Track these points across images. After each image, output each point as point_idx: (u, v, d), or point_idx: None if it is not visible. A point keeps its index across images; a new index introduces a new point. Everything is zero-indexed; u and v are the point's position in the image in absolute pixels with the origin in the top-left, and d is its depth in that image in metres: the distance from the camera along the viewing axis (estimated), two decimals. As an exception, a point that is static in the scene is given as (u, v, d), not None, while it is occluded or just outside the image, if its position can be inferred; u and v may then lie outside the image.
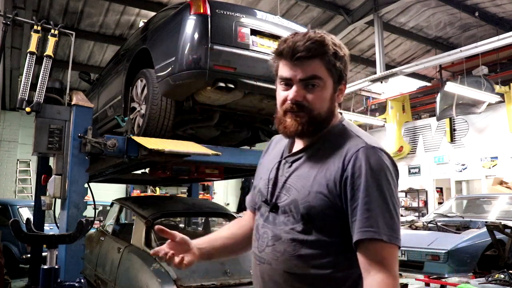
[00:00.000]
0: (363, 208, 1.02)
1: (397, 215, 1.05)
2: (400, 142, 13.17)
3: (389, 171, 1.06)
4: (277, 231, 1.13)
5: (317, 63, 1.10)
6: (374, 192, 1.02)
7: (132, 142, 3.08)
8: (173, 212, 4.37)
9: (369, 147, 1.07)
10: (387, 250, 1.02)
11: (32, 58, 3.21)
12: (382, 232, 1.00)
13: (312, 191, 1.08)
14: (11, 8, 6.76)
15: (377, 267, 1.00)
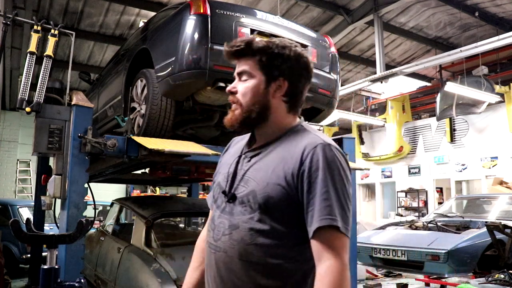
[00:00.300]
0: (321, 198, 1.09)
1: (349, 209, 1.12)
2: (400, 142, 13.17)
3: (343, 168, 1.14)
4: (235, 220, 1.18)
5: (249, 61, 1.23)
6: (330, 185, 1.10)
7: (132, 142, 3.08)
8: (173, 212, 4.37)
9: (326, 144, 1.15)
10: (340, 239, 1.08)
11: (32, 58, 3.21)
12: (338, 221, 1.08)
13: (271, 183, 1.15)
14: (11, 8, 6.76)
15: (328, 254, 1.06)
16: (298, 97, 1.27)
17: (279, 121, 1.25)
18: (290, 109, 1.26)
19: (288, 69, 1.23)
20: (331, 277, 1.04)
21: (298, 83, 1.25)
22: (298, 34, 3.57)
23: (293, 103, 1.26)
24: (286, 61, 1.22)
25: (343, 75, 12.78)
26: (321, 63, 3.67)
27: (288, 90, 1.24)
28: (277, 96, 1.24)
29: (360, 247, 5.61)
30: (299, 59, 1.24)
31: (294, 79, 1.24)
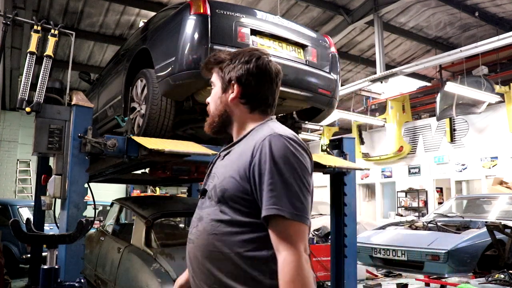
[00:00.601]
0: (267, 189, 1.12)
1: (304, 195, 1.14)
2: (400, 142, 13.17)
3: (293, 156, 1.15)
4: (202, 213, 1.29)
5: (214, 72, 1.40)
6: (277, 175, 1.12)
7: (132, 142, 3.08)
8: (173, 212, 4.37)
9: (275, 135, 1.18)
10: (292, 228, 1.11)
11: (32, 58, 3.21)
12: (285, 210, 1.10)
13: (227, 176, 1.23)
14: (11, 8, 6.76)
15: (283, 244, 1.10)
16: (257, 97, 1.33)
17: (242, 122, 1.35)
18: (252, 110, 1.34)
19: (239, 73, 1.31)
20: (288, 269, 1.07)
21: (252, 85, 1.31)
22: (298, 34, 3.57)
23: (253, 104, 1.33)
24: (237, 67, 1.32)
25: (343, 75, 12.78)
26: (321, 63, 3.67)
27: (242, 92, 1.32)
28: (234, 100, 1.33)
29: (360, 247, 5.61)
30: (252, 62, 1.31)
31: (247, 81, 1.31)
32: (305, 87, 3.47)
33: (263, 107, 1.35)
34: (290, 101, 3.54)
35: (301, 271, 1.07)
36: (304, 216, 1.13)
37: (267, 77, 1.33)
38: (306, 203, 1.14)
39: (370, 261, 5.77)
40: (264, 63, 1.33)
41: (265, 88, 1.34)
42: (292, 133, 1.22)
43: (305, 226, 1.13)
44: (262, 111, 1.35)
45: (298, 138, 1.21)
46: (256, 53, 1.34)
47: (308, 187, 1.17)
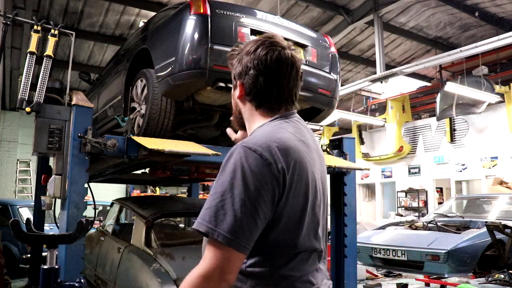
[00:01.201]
0: (206, 200, 1.04)
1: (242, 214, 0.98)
2: (400, 142, 13.17)
3: (243, 171, 1.01)
4: None
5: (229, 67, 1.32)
6: (217, 188, 1.02)
7: (132, 142, 3.08)
8: (173, 212, 4.37)
9: (239, 146, 1.06)
10: (210, 244, 1.00)
11: (32, 58, 3.21)
12: (206, 225, 0.99)
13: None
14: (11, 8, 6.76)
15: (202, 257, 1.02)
16: (260, 92, 1.21)
17: (250, 121, 1.27)
18: (258, 107, 1.23)
19: (239, 69, 1.24)
20: (188, 278, 1.00)
21: (254, 80, 1.20)
22: (298, 34, 3.57)
23: (257, 100, 1.22)
24: (241, 61, 1.23)
25: (343, 75, 12.77)
26: (321, 63, 3.67)
27: (246, 89, 1.23)
28: (241, 97, 1.27)
29: (360, 247, 5.61)
30: (251, 54, 1.20)
31: (248, 77, 1.21)
32: (305, 87, 3.47)
33: (270, 104, 1.22)
34: (290, 101, 3.53)
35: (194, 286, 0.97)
36: (233, 240, 0.97)
37: (265, 70, 1.19)
38: (241, 226, 0.98)
39: (370, 261, 5.77)
40: (261, 54, 1.19)
41: (266, 82, 1.19)
42: (266, 144, 1.05)
43: (231, 250, 0.97)
44: (268, 108, 1.22)
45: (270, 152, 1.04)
46: (258, 41, 1.22)
47: (255, 211, 0.99)
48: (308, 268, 1.12)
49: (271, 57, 1.18)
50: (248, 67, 1.21)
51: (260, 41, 1.21)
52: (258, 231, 1.02)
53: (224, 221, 0.98)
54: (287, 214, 1.06)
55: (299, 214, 1.09)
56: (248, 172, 1.01)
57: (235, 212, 0.98)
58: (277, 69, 1.19)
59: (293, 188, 1.06)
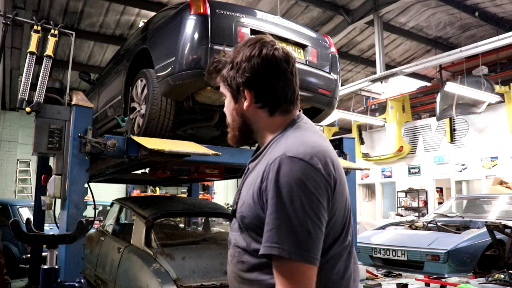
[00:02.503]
0: (267, 222, 0.99)
1: (307, 230, 0.96)
2: (400, 142, 13.17)
3: (300, 183, 0.97)
4: (231, 236, 1.17)
5: (219, 81, 1.20)
6: (278, 207, 0.97)
7: (132, 142, 3.08)
8: (173, 212, 4.37)
9: (284, 157, 1.01)
10: (288, 266, 0.96)
11: (32, 58, 3.21)
12: (282, 248, 0.95)
13: (245, 202, 1.09)
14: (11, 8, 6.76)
15: (277, 284, 0.97)
16: (273, 96, 1.14)
17: (264, 128, 1.18)
18: (272, 112, 1.16)
19: (245, 76, 1.13)
20: None
21: (264, 84, 1.13)
22: (298, 34, 3.57)
23: (271, 105, 1.15)
24: (241, 69, 1.13)
25: (343, 75, 12.77)
26: (321, 63, 3.67)
27: (256, 96, 1.14)
28: (250, 107, 1.16)
29: (360, 247, 5.61)
30: (254, 58, 1.12)
31: (257, 82, 1.13)
32: (305, 87, 3.47)
33: (284, 106, 1.15)
34: (290, 101, 3.53)
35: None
36: (307, 255, 0.95)
37: (276, 69, 1.12)
38: (312, 239, 0.96)
39: (370, 261, 5.77)
40: (269, 54, 1.11)
41: (280, 82, 1.13)
42: (308, 151, 1.02)
43: (309, 265, 0.96)
44: (283, 111, 1.16)
45: (312, 156, 1.01)
46: (256, 45, 1.13)
47: (319, 221, 0.98)
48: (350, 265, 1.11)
49: (279, 55, 1.12)
50: (256, 72, 1.12)
51: (258, 41, 1.14)
52: (322, 239, 1.00)
53: (294, 239, 0.95)
54: (336, 214, 1.06)
55: (343, 212, 1.09)
56: (303, 183, 0.97)
57: (303, 227, 0.96)
58: (287, 67, 1.14)
59: (338, 188, 1.05)
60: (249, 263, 1.08)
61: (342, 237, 1.09)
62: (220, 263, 3.53)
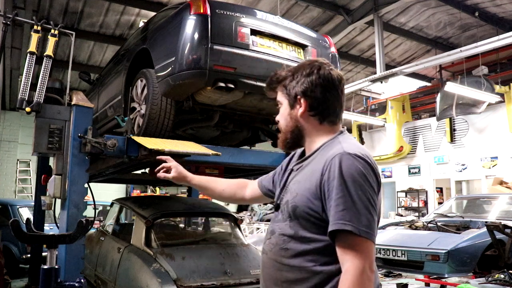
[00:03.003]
0: (334, 204, 1.16)
1: (370, 212, 1.17)
2: (400, 142, 13.17)
3: (361, 174, 1.18)
4: (274, 226, 1.34)
5: (278, 91, 1.42)
6: (345, 192, 1.16)
7: (132, 142, 3.08)
8: (173, 212, 4.36)
9: (344, 153, 1.21)
10: (357, 242, 1.14)
11: (32, 58, 3.21)
12: (352, 225, 1.14)
13: (299, 193, 1.27)
14: (11, 8, 6.76)
15: (347, 257, 1.14)
16: (325, 108, 1.34)
17: (314, 134, 1.36)
18: (322, 121, 1.35)
19: (303, 87, 1.33)
20: (348, 279, 1.12)
21: (318, 96, 1.33)
22: (298, 34, 3.57)
23: (322, 115, 1.35)
24: (300, 81, 1.34)
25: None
26: (321, 63, 3.67)
27: (310, 105, 1.34)
28: (303, 114, 1.35)
29: (360, 247, 5.58)
30: (314, 74, 1.33)
31: (313, 93, 1.33)
32: (305, 87, 3.46)
33: (332, 117, 1.35)
34: (290, 101, 3.54)
35: (359, 284, 1.11)
36: (370, 233, 1.15)
37: (331, 86, 1.34)
38: (371, 220, 1.17)
39: (370, 261, 5.76)
40: (326, 72, 1.33)
41: (331, 97, 1.34)
42: (361, 151, 1.23)
43: (370, 242, 1.16)
44: (331, 122, 1.36)
45: (367, 156, 1.23)
46: (316, 64, 1.35)
47: (374, 206, 1.19)
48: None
49: (334, 75, 1.34)
50: (313, 84, 1.33)
51: (317, 63, 1.36)
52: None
53: (360, 219, 1.14)
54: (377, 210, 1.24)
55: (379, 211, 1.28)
56: (365, 176, 1.19)
57: (367, 210, 1.16)
58: (339, 86, 1.35)
59: (380, 189, 1.27)
60: (293, 250, 1.25)
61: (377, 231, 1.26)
62: (220, 263, 3.53)
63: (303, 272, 1.22)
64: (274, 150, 4.10)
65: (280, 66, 3.38)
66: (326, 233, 1.20)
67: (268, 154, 3.88)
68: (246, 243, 4.12)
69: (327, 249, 1.21)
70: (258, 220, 11.68)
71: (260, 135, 4.41)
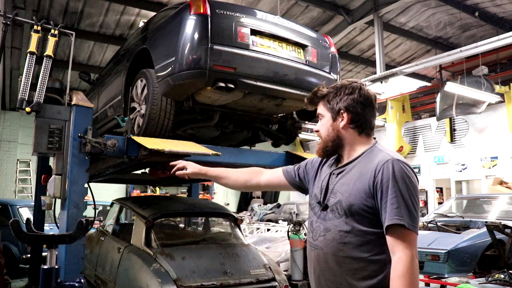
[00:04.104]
0: (390, 203, 1.38)
1: (416, 210, 1.39)
2: (400, 142, 13.16)
3: (408, 177, 1.42)
4: (328, 224, 1.52)
5: (320, 105, 1.65)
6: (398, 192, 1.38)
7: (132, 142, 3.07)
8: (173, 212, 4.37)
9: (395, 160, 1.44)
10: (408, 235, 1.36)
11: (32, 58, 3.21)
12: (405, 220, 1.36)
13: (352, 193, 1.47)
14: (11, 8, 6.76)
15: (399, 247, 1.35)
16: (363, 121, 1.57)
17: (353, 143, 1.57)
18: (360, 132, 1.57)
19: (346, 103, 1.56)
20: (401, 266, 1.33)
21: (359, 111, 1.56)
22: (298, 34, 3.57)
23: (361, 127, 1.57)
24: (343, 98, 1.57)
25: (343, 75, 12.77)
26: (321, 63, 3.67)
27: (351, 119, 1.56)
28: (345, 126, 1.56)
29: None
30: (356, 92, 1.56)
31: (354, 109, 1.55)
32: (305, 87, 3.46)
33: (368, 130, 1.59)
34: (290, 101, 3.54)
35: (411, 269, 1.33)
36: (416, 226, 1.38)
37: (369, 103, 1.58)
38: (417, 216, 1.40)
39: (370, 261, 5.75)
40: (365, 92, 1.57)
41: (369, 113, 1.58)
42: (403, 158, 1.48)
43: (416, 234, 1.38)
44: (367, 133, 1.59)
45: (407, 162, 1.47)
46: (356, 85, 1.58)
47: (418, 203, 1.43)
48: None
49: (371, 95, 1.59)
50: (355, 101, 1.56)
51: (357, 84, 1.59)
52: None
53: (410, 215, 1.37)
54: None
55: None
56: (411, 179, 1.42)
57: (414, 208, 1.39)
58: (374, 104, 1.61)
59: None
60: (351, 243, 1.44)
61: None
62: (220, 263, 3.54)
63: (360, 262, 1.42)
64: (274, 150, 4.11)
65: (280, 66, 3.40)
66: (377, 226, 1.41)
67: (268, 154, 3.88)
68: (246, 243, 4.12)
69: (379, 240, 1.41)
70: (258, 220, 11.68)
71: (260, 135, 4.41)
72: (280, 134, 4.27)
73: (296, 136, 4.35)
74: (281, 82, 3.34)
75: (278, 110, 3.87)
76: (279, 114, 4.15)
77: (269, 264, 3.83)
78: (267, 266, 3.78)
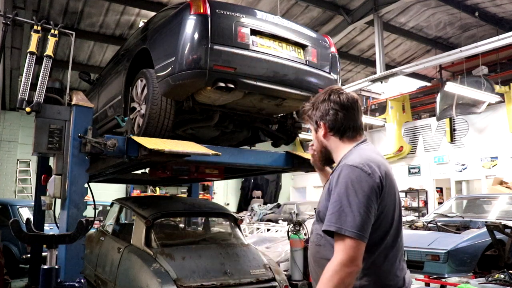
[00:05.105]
0: (329, 208, 1.41)
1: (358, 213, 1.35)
2: (400, 142, 13.16)
3: (352, 182, 1.39)
4: (313, 228, 1.61)
5: (307, 119, 1.69)
6: (337, 197, 1.40)
7: (132, 142, 3.07)
8: (173, 212, 4.37)
9: (345, 165, 1.44)
10: (340, 239, 1.35)
11: (32, 58, 3.21)
12: (333, 226, 1.36)
13: (321, 200, 1.55)
14: (11, 8, 6.77)
15: (335, 252, 1.36)
16: (341, 126, 1.57)
17: (337, 150, 1.61)
18: (341, 137, 1.59)
19: (320, 113, 1.60)
20: (329, 267, 1.34)
21: (334, 118, 1.57)
22: (298, 34, 3.57)
23: (340, 133, 1.59)
24: (319, 108, 1.60)
25: (343, 75, 12.78)
26: (321, 63, 3.67)
27: (328, 127, 1.59)
28: (325, 135, 1.61)
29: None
30: (327, 100, 1.58)
31: (329, 117, 1.58)
32: (305, 87, 3.47)
33: (348, 133, 1.58)
34: (290, 101, 3.54)
35: (336, 273, 1.31)
36: (354, 231, 1.33)
37: (344, 107, 1.56)
38: (360, 221, 1.34)
39: (370, 261, 5.75)
40: (335, 97, 1.57)
41: (344, 117, 1.57)
42: (362, 161, 1.43)
43: (353, 240, 1.33)
44: (350, 137, 1.59)
45: (365, 165, 1.42)
46: (327, 91, 1.60)
47: (366, 209, 1.36)
48: (396, 262, 1.48)
49: (343, 98, 1.57)
50: (327, 109, 1.58)
51: (329, 90, 1.61)
52: (371, 223, 1.38)
53: (346, 220, 1.35)
54: (386, 209, 1.44)
55: (392, 209, 1.48)
56: (359, 183, 1.38)
57: (353, 213, 1.35)
58: (349, 105, 1.57)
59: (387, 190, 1.45)
60: (325, 246, 1.49)
61: (392, 231, 1.47)
62: (220, 263, 3.54)
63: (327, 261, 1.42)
64: (274, 150, 4.11)
65: (280, 66, 3.40)
66: None
67: (268, 154, 3.88)
68: (246, 243, 4.12)
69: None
70: (258, 220, 11.68)
71: (260, 135, 4.41)
72: (280, 134, 4.27)
73: (296, 136, 4.35)
74: (281, 82, 3.34)
75: (278, 110, 3.87)
76: (279, 114, 4.15)
77: (269, 264, 3.84)
78: (267, 266, 3.78)
